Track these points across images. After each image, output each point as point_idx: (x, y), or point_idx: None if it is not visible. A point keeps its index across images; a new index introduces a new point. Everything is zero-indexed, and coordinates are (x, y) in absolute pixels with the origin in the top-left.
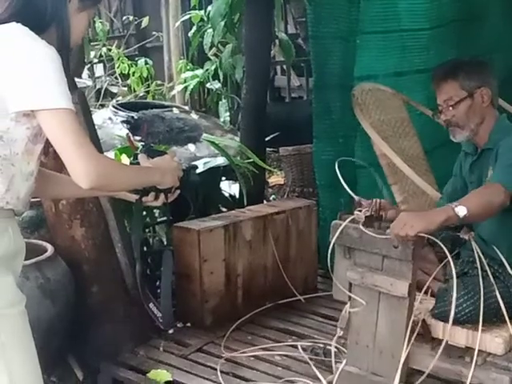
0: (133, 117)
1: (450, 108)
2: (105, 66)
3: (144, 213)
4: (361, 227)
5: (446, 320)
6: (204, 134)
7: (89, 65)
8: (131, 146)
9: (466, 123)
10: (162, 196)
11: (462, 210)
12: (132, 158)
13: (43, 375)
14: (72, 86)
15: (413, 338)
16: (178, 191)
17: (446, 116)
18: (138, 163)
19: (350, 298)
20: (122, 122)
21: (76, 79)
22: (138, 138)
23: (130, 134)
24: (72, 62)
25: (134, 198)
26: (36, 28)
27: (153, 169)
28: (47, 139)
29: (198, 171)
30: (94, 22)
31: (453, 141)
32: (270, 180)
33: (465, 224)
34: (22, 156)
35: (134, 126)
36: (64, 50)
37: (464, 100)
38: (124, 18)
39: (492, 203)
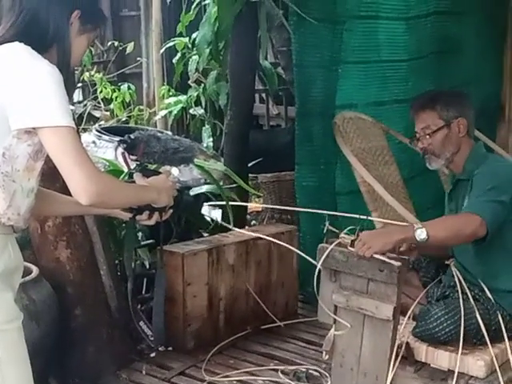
0: (130, 136)
1: (427, 136)
2: (83, 91)
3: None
4: (349, 248)
5: (426, 339)
6: None
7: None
8: (126, 165)
9: (442, 152)
10: (155, 215)
11: (422, 234)
12: (127, 177)
13: None
14: None
15: (397, 361)
16: (171, 210)
17: (423, 144)
18: (133, 182)
19: (335, 320)
20: (119, 141)
21: None
22: (133, 157)
23: (126, 154)
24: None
25: (127, 216)
26: (38, 47)
27: (150, 187)
28: (48, 156)
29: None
30: None
31: (430, 170)
32: None
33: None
34: (23, 173)
35: (130, 146)
36: (64, 69)
37: (441, 129)
38: (109, 43)
39: (462, 232)
